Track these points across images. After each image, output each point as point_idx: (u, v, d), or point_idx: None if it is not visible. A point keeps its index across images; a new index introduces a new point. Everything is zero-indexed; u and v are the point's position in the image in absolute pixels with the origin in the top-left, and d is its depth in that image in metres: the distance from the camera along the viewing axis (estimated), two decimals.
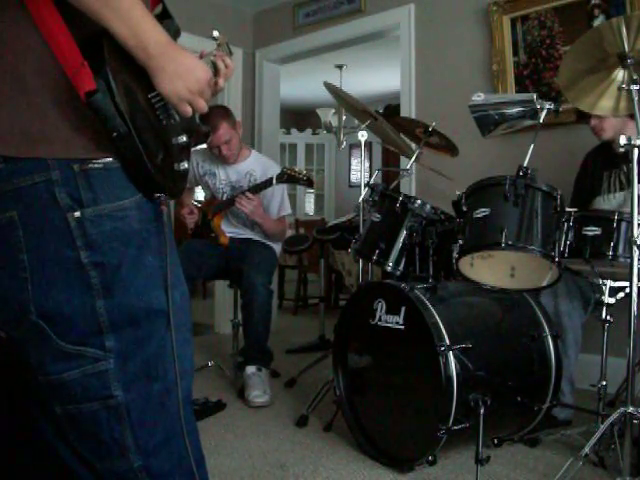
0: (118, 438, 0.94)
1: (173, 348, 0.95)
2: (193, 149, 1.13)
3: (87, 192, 0.88)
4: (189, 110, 0.95)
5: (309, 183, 2.91)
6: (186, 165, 1.00)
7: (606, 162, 2.47)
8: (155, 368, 0.95)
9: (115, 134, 0.85)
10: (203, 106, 0.97)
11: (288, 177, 2.86)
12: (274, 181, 2.86)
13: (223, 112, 3.03)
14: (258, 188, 2.91)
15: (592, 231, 1.88)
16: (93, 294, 0.90)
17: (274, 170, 3.02)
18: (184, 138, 0.99)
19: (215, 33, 1.05)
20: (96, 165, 0.89)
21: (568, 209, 1.92)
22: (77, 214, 0.88)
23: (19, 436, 1.08)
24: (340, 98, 2.69)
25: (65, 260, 0.88)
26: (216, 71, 1.06)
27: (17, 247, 0.88)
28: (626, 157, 1.82)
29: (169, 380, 0.97)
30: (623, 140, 1.75)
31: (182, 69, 0.91)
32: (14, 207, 0.87)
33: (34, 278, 0.88)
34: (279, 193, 3.12)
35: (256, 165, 3.14)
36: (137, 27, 0.86)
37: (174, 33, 1.00)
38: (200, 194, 3.38)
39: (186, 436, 0.99)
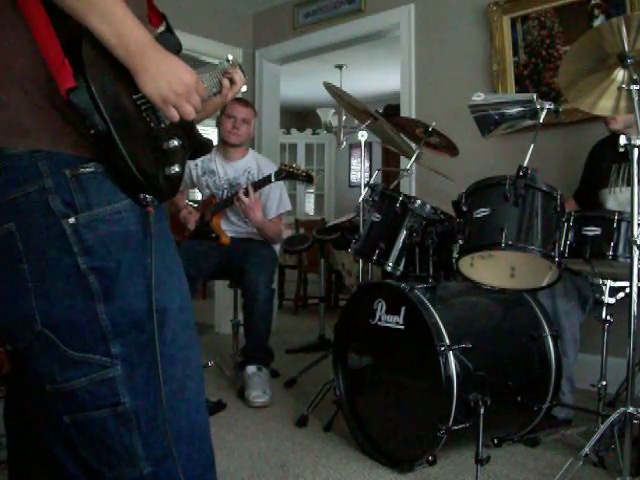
0: (128, 445, 0.93)
1: (156, 349, 0.92)
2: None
3: (80, 197, 0.88)
4: (175, 115, 0.93)
5: (309, 179, 2.87)
6: (177, 169, 0.98)
7: (616, 154, 2.35)
8: (164, 371, 0.94)
9: (93, 131, 0.85)
10: (190, 111, 0.94)
11: (287, 174, 2.83)
12: (272, 178, 2.85)
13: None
14: (257, 185, 2.89)
15: (592, 231, 1.88)
16: (94, 299, 0.89)
17: (270, 167, 3.02)
18: (175, 142, 0.97)
19: (229, 56, 1.07)
20: (87, 170, 0.89)
21: (568, 209, 1.91)
22: (72, 220, 0.88)
23: (28, 449, 1.08)
24: (340, 98, 2.69)
25: (64, 267, 0.88)
26: (221, 89, 1.07)
27: (17, 258, 0.88)
28: None
29: (177, 382, 0.96)
30: (623, 140, 1.75)
31: (165, 70, 0.90)
32: (11, 219, 0.87)
33: (36, 287, 0.88)
34: (277, 190, 3.10)
35: (253, 163, 3.15)
36: (118, 26, 0.85)
37: (173, 46, 1.00)
38: (198, 194, 3.37)
39: (200, 440, 0.99)
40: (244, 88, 1.12)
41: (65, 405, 0.92)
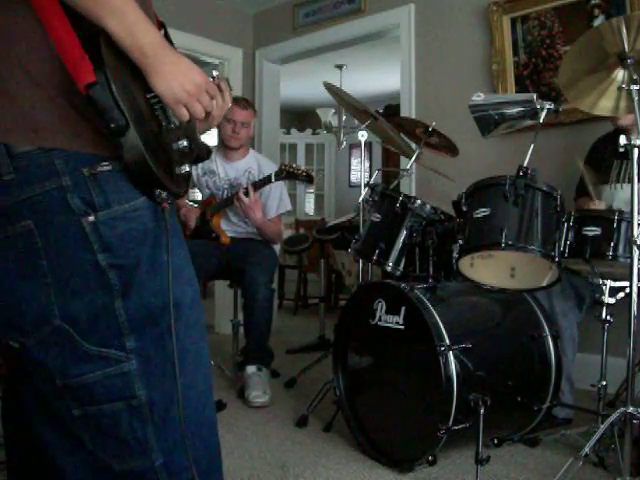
0: (140, 437, 0.94)
1: (173, 343, 0.94)
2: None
3: (99, 196, 0.89)
4: (185, 114, 0.95)
5: (309, 179, 2.86)
6: (187, 168, 1.00)
7: (617, 151, 2.39)
8: (179, 364, 0.95)
9: (113, 125, 0.85)
10: (200, 111, 0.96)
11: (287, 174, 2.83)
12: (273, 178, 2.85)
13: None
14: (257, 185, 2.90)
15: (592, 231, 1.88)
16: (113, 295, 0.90)
17: (271, 167, 3.02)
18: (185, 143, 0.99)
19: (214, 73, 1.08)
20: (105, 168, 0.89)
21: (568, 209, 1.90)
22: (91, 218, 0.88)
23: (26, 449, 1.08)
24: (340, 98, 2.69)
25: (84, 264, 0.89)
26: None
27: (37, 254, 0.88)
28: None
29: (188, 376, 0.97)
30: (623, 140, 1.75)
31: (177, 70, 0.92)
32: (29, 216, 0.88)
33: (56, 283, 0.89)
34: (277, 189, 3.10)
35: (254, 163, 3.16)
36: (132, 27, 0.86)
37: None
38: (198, 194, 3.37)
39: (208, 429, 1.00)
40: (228, 104, 1.13)
41: (76, 398, 0.92)
